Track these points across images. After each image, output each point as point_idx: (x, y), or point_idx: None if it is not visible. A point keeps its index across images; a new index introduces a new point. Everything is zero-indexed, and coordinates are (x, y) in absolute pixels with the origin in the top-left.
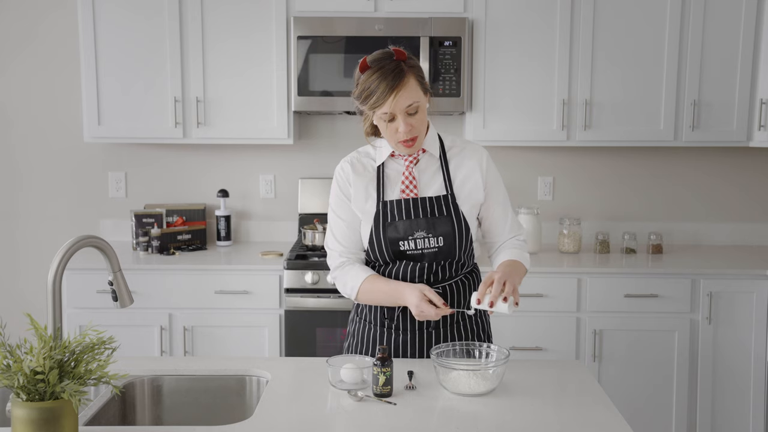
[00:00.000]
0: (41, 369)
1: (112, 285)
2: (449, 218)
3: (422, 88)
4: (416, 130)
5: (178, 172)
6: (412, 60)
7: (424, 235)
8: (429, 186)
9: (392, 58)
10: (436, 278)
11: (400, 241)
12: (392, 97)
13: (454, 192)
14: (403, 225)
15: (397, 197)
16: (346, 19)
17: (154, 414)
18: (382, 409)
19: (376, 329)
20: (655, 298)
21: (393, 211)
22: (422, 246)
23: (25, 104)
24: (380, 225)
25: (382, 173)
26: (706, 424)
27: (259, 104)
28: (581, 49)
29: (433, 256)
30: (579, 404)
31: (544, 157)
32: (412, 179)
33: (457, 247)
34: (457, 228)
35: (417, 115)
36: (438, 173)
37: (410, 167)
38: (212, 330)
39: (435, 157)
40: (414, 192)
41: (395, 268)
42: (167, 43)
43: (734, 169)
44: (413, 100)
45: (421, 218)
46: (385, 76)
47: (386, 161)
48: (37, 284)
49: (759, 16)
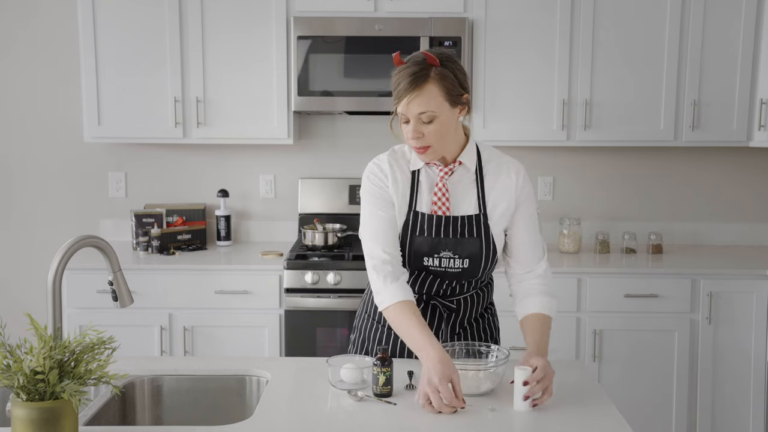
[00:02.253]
0: (41, 369)
1: (112, 285)
2: (478, 239)
3: (449, 99)
4: (427, 140)
5: (178, 172)
6: (446, 70)
7: (450, 255)
8: (461, 202)
9: (423, 62)
10: (453, 293)
11: (424, 257)
12: (406, 100)
13: (487, 212)
14: (431, 242)
15: (427, 210)
16: (346, 19)
17: (154, 414)
18: (382, 409)
19: (383, 329)
20: (655, 298)
21: (423, 225)
22: (446, 265)
23: (24, 104)
24: (408, 236)
25: (417, 179)
26: (706, 424)
27: (259, 104)
28: (581, 49)
29: (455, 275)
30: (579, 404)
31: (544, 157)
32: (444, 191)
33: (481, 269)
34: (485, 250)
35: (432, 125)
36: (472, 188)
37: (444, 179)
38: (212, 330)
39: (470, 171)
40: (446, 207)
41: (412, 279)
42: (167, 45)
43: (734, 169)
44: (428, 108)
45: (450, 238)
46: (405, 77)
47: (422, 168)
48: (37, 284)
49: (759, 16)
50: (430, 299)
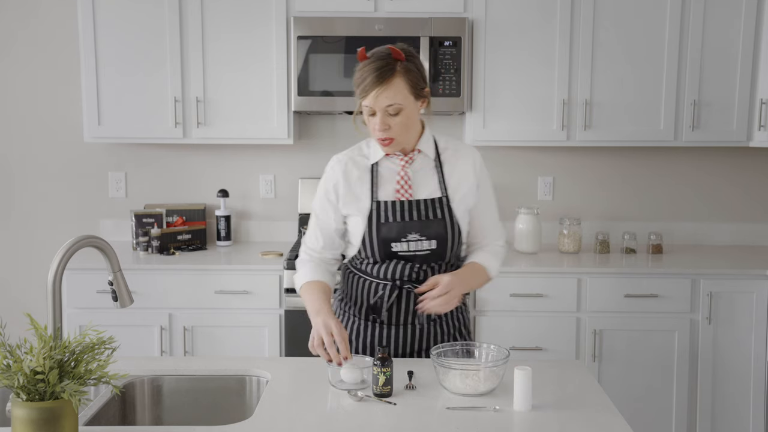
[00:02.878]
0: (41, 369)
1: (112, 285)
2: (443, 221)
3: (413, 92)
4: (393, 132)
5: (178, 172)
6: (410, 64)
7: (418, 237)
8: (423, 187)
9: (388, 56)
10: (424, 277)
11: (393, 242)
12: (374, 93)
13: (449, 194)
14: (397, 226)
15: (391, 198)
16: (346, 19)
17: (154, 414)
18: (382, 409)
19: (360, 322)
20: (655, 298)
21: (387, 212)
22: (415, 248)
23: (24, 104)
24: (373, 225)
25: (376, 172)
26: (706, 424)
27: (259, 104)
28: (581, 49)
29: (424, 258)
30: (579, 404)
31: (544, 157)
32: (407, 179)
33: (448, 249)
34: (450, 230)
35: (398, 117)
36: (433, 174)
37: (405, 167)
38: (212, 330)
39: (430, 159)
40: (409, 193)
41: (383, 267)
42: (167, 45)
43: (734, 169)
44: (395, 101)
45: (416, 220)
46: (373, 71)
47: (381, 160)
48: (37, 284)
49: (759, 16)
50: (404, 284)
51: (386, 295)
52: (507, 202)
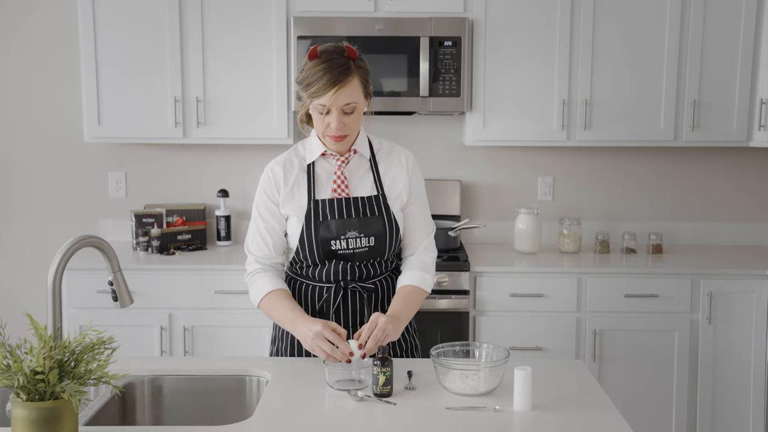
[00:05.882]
0: (41, 369)
1: (112, 285)
2: (380, 218)
3: (364, 90)
4: (348, 129)
5: (178, 172)
6: (362, 62)
7: (356, 234)
8: (360, 186)
9: (343, 54)
10: (366, 276)
11: (332, 240)
12: (332, 92)
13: (384, 192)
14: (336, 224)
15: (328, 196)
16: (346, 19)
17: (154, 414)
18: (382, 409)
19: None
20: (655, 298)
21: (325, 210)
22: (354, 246)
23: (25, 104)
24: (312, 224)
25: (313, 172)
26: (706, 424)
27: (259, 104)
28: (581, 49)
29: (364, 256)
30: (579, 404)
31: (544, 157)
32: (343, 179)
33: (387, 247)
34: (388, 227)
35: (352, 115)
36: (368, 174)
37: (342, 167)
38: (212, 330)
39: (365, 158)
40: (346, 192)
41: (325, 269)
42: (167, 45)
43: (734, 169)
44: (352, 100)
45: (354, 218)
46: (330, 70)
47: (317, 160)
48: (37, 284)
49: (759, 16)
50: (348, 285)
51: (331, 298)
52: (507, 202)
